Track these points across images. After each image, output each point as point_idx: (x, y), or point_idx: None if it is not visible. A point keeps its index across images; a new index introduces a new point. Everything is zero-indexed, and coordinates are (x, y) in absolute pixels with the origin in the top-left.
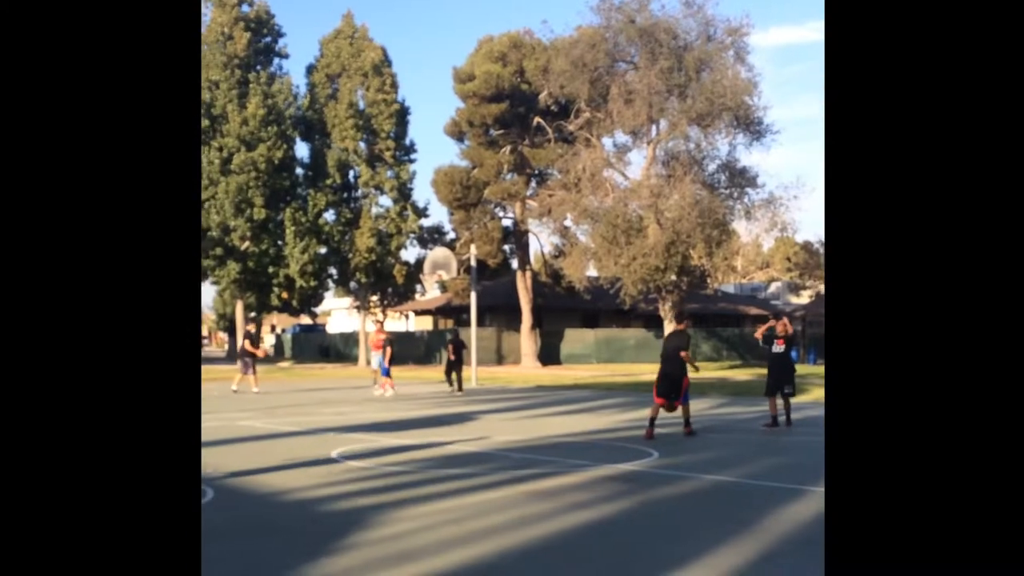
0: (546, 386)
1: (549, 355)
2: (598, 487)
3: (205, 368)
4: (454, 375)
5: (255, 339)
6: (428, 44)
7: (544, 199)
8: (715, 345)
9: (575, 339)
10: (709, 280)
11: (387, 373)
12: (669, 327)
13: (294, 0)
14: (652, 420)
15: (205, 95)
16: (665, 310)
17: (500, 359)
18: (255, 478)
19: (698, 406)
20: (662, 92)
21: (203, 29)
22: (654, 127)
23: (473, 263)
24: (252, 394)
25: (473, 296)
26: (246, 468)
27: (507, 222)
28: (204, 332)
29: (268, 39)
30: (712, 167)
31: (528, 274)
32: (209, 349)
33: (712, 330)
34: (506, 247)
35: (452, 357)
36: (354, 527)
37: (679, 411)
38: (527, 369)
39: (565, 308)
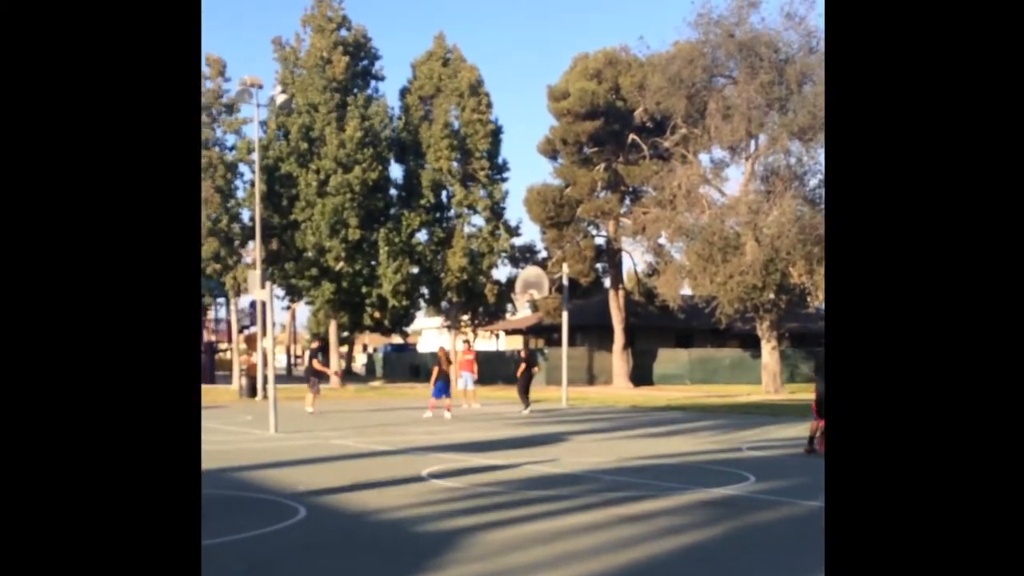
0: (638, 407)
1: (641, 375)
2: (692, 511)
3: (299, 387)
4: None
5: (318, 356)
6: (520, 63)
7: (638, 217)
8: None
9: (668, 359)
10: (809, 299)
11: (438, 394)
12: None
13: (386, 23)
14: (812, 438)
15: (304, 119)
16: (763, 329)
17: (591, 379)
18: (347, 496)
19: (800, 429)
20: (762, 106)
21: (302, 54)
22: (753, 142)
23: (565, 282)
24: (306, 413)
25: (565, 315)
26: (338, 486)
27: (600, 240)
28: (298, 351)
29: (365, 62)
30: (814, 182)
31: (621, 293)
32: (304, 367)
33: (812, 350)
34: (599, 265)
35: (520, 374)
36: (444, 547)
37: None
38: (619, 389)
39: (658, 327)
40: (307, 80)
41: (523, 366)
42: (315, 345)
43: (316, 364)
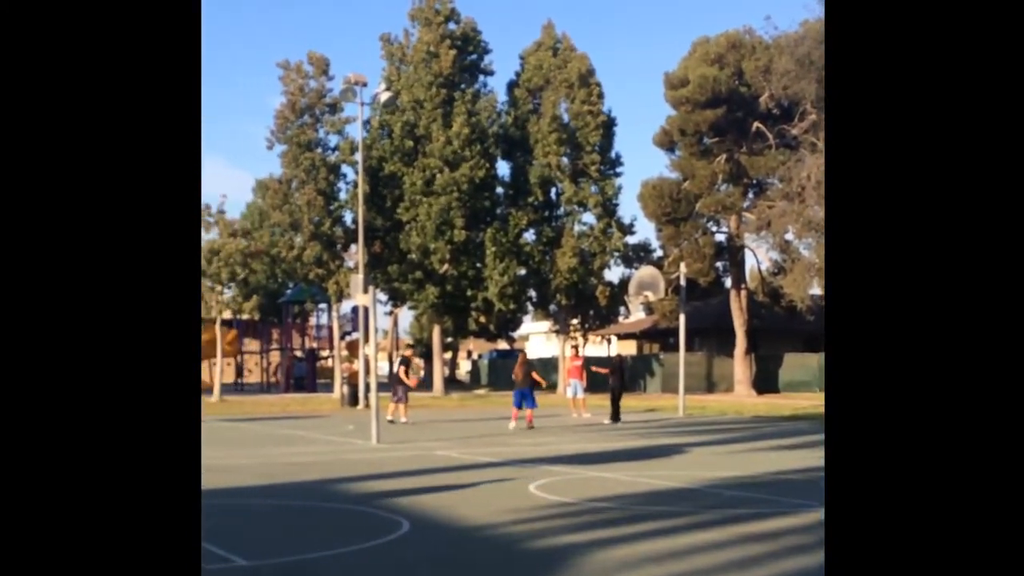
0: (762, 417)
1: (766, 382)
2: (821, 531)
3: None
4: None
5: (409, 365)
6: (635, 50)
7: (763, 211)
8: None
9: (795, 364)
10: None
11: (530, 404)
12: None
13: (497, 15)
14: None
15: (409, 116)
16: None
17: (710, 387)
18: (451, 510)
19: None
20: None
21: (409, 50)
22: None
23: (682, 282)
24: (402, 424)
25: (682, 318)
26: (442, 500)
27: (720, 237)
28: (417, 362)
29: (474, 56)
30: None
31: (743, 293)
32: (415, 379)
33: None
34: (719, 264)
35: (612, 382)
36: (552, 566)
37: None
38: (741, 397)
39: (784, 330)
40: (413, 76)
41: (608, 371)
42: (408, 353)
43: (402, 374)
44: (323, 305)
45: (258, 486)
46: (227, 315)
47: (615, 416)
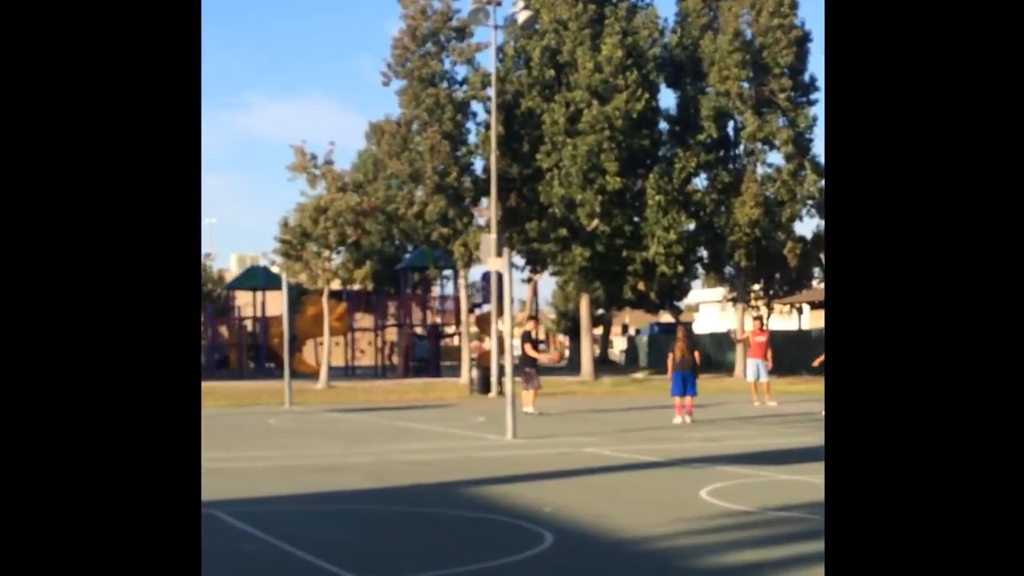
0: None
1: None
2: None
3: (543, 380)
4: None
5: (536, 342)
6: None
7: None
8: None
9: None
10: None
11: (679, 390)
12: None
13: None
14: None
15: (550, 40)
16: None
17: None
18: (602, 520)
19: None
20: None
21: None
22: None
23: None
24: (529, 414)
25: None
26: (591, 508)
27: None
28: (541, 335)
29: None
30: None
31: None
32: (548, 356)
33: None
34: None
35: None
36: None
37: None
38: None
39: None
40: None
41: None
42: (529, 326)
43: (529, 350)
44: (448, 272)
45: (372, 490)
46: (336, 285)
47: None
